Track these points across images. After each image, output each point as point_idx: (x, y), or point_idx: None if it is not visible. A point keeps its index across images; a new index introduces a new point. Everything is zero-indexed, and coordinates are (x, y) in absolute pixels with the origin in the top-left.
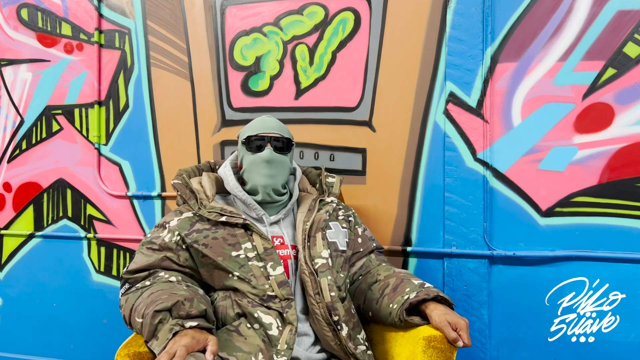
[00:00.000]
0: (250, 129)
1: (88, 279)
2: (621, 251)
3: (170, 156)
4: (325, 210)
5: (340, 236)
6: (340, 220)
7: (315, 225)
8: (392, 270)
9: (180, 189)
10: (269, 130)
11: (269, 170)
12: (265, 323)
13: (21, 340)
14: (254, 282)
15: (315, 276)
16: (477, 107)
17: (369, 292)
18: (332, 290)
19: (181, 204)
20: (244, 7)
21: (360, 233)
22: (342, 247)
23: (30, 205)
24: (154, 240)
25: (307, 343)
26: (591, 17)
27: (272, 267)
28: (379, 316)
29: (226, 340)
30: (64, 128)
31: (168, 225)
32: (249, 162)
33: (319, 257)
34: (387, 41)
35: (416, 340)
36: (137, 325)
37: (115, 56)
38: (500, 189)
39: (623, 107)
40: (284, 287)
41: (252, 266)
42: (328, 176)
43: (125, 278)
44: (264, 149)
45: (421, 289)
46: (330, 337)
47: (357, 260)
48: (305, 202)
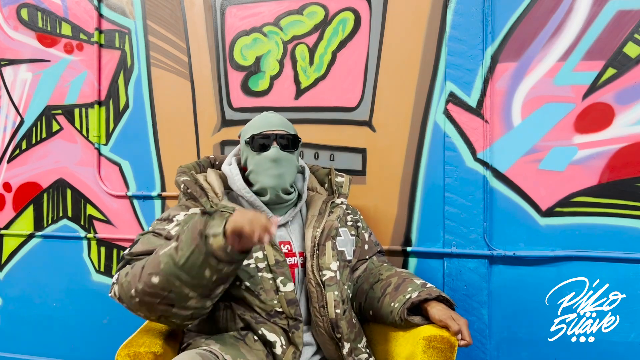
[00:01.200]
0: (254, 127)
1: (88, 279)
2: (621, 251)
3: (170, 156)
4: (336, 214)
5: (349, 245)
6: (349, 226)
7: (326, 232)
8: (394, 269)
9: (191, 186)
10: (273, 127)
11: (276, 170)
12: (270, 341)
13: (21, 340)
14: (263, 297)
15: (321, 288)
16: (477, 107)
17: (370, 291)
18: (338, 307)
19: (185, 200)
20: (244, 7)
21: (367, 239)
22: (349, 256)
23: (30, 205)
24: (158, 231)
25: (309, 353)
26: (591, 17)
27: (283, 283)
28: (380, 315)
29: (232, 345)
30: (64, 128)
31: (175, 218)
32: (255, 162)
33: (328, 269)
34: (387, 41)
35: (416, 340)
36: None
37: (115, 56)
38: (500, 189)
39: (623, 107)
40: (292, 305)
41: (262, 278)
42: (337, 175)
43: (127, 259)
44: (270, 147)
45: (423, 289)
46: (333, 349)
47: (361, 265)
48: (315, 204)
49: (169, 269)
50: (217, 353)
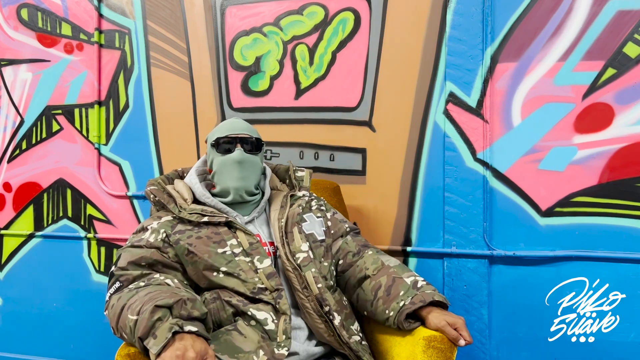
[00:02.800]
0: (220, 130)
1: (88, 279)
2: (621, 251)
3: (170, 156)
4: (297, 204)
5: (317, 226)
6: (314, 210)
7: (290, 220)
8: (380, 261)
9: (158, 194)
10: (237, 131)
11: (240, 172)
12: (260, 319)
13: (21, 340)
14: (243, 276)
15: (299, 271)
16: (477, 107)
17: (360, 290)
18: (319, 282)
19: (155, 212)
20: (244, 7)
21: (330, 217)
22: (320, 236)
23: (30, 205)
24: (137, 243)
25: (302, 337)
26: (591, 17)
27: (259, 261)
28: (376, 319)
29: (226, 341)
30: (64, 128)
31: (150, 227)
32: (219, 163)
33: (300, 252)
34: (387, 41)
35: (416, 340)
36: (130, 323)
37: (115, 56)
38: (500, 189)
39: (623, 107)
40: (272, 278)
41: (240, 261)
42: (297, 170)
43: (116, 275)
44: (234, 150)
45: (415, 293)
46: (324, 328)
47: (333, 243)
48: (277, 199)
49: (130, 335)
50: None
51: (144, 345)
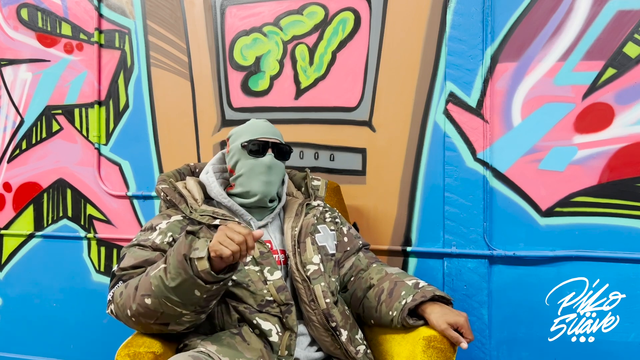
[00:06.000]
0: (250, 132)
1: (88, 279)
2: (621, 251)
3: (170, 156)
4: (312, 214)
5: (329, 239)
6: (327, 222)
7: (304, 230)
8: (384, 271)
9: (169, 193)
10: (270, 135)
11: (267, 176)
12: (265, 330)
13: (21, 340)
14: (252, 288)
15: (308, 283)
16: (477, 107)
17: (365, 300)
18: (327, 297)
19: (165, 209)
20: (244, 7)
21: (346, 232)
22: (331, 250)
23: (30, 205)
24: (143, 243)
25: (304, 343)
26: (591, 17)
27: (270, 272)
28: (381, 323)
29: (229, 344)
30: (64, 128)
31: (158, 227)
32: (248, 165)
33: (311, 264)
34: (387, 41)
35: (416, 340)
36: (159, 273)
37: (115, 56)
38: (500, 189)
39: (623, 107)
40: (282, 292)
41: (249, 270)
42: (313, 179)
43: (118, 275)
44: (266, 154)
45: (416, 291)
46: (330, 342)
47: (346, 260)
48: (292, 207)
49: (159, 291)
50: (214, 355)
51: (190, 259)
